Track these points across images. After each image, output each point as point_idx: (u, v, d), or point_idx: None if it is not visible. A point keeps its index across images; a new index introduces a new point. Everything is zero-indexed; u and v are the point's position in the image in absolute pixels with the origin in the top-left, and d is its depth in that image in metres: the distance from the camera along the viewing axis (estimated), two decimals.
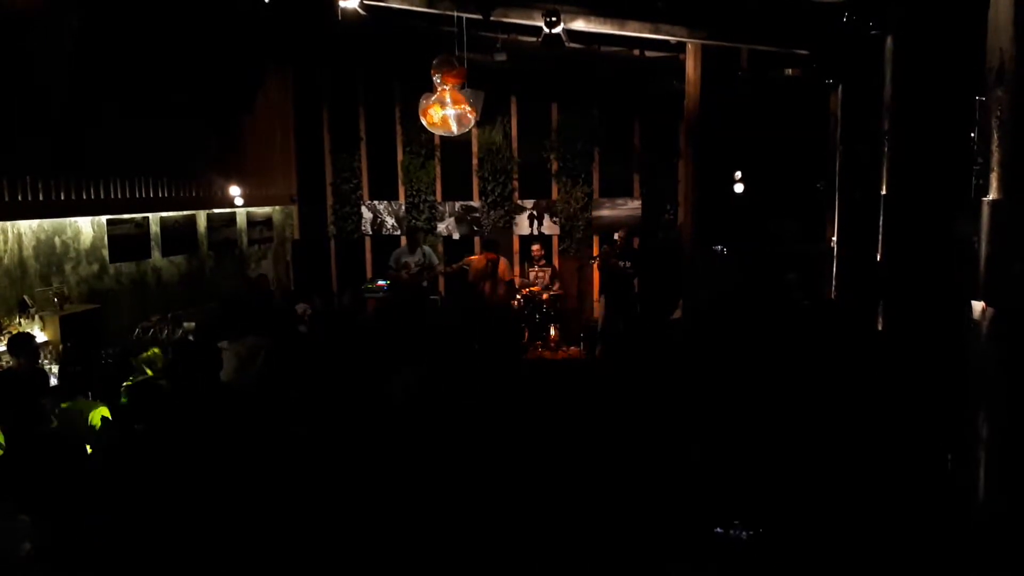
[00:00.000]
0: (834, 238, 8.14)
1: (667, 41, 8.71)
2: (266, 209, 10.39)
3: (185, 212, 8.66)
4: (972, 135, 2.98)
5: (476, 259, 9.97)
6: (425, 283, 9.92)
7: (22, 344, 5.35)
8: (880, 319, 5.87)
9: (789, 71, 9.28)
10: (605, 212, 10.60)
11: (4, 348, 5.82)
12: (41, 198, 6.54)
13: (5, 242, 6.51)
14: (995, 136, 2.79)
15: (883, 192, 5.70)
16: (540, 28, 7.65)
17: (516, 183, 10.81)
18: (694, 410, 4.43)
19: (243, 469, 3.71)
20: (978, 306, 2.92)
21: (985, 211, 2.84)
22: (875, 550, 3.17)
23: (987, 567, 2.88)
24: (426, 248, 10.09)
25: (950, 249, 4.81)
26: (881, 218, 5.73)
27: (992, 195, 2.81)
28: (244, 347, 5.62)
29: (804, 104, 9.25)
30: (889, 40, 5.62)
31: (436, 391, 4.67)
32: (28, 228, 6.72)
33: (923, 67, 5.15)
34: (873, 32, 5.72)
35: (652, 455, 3.95)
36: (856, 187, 7.07)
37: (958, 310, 3.10)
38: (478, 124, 9.45)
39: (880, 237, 5.76)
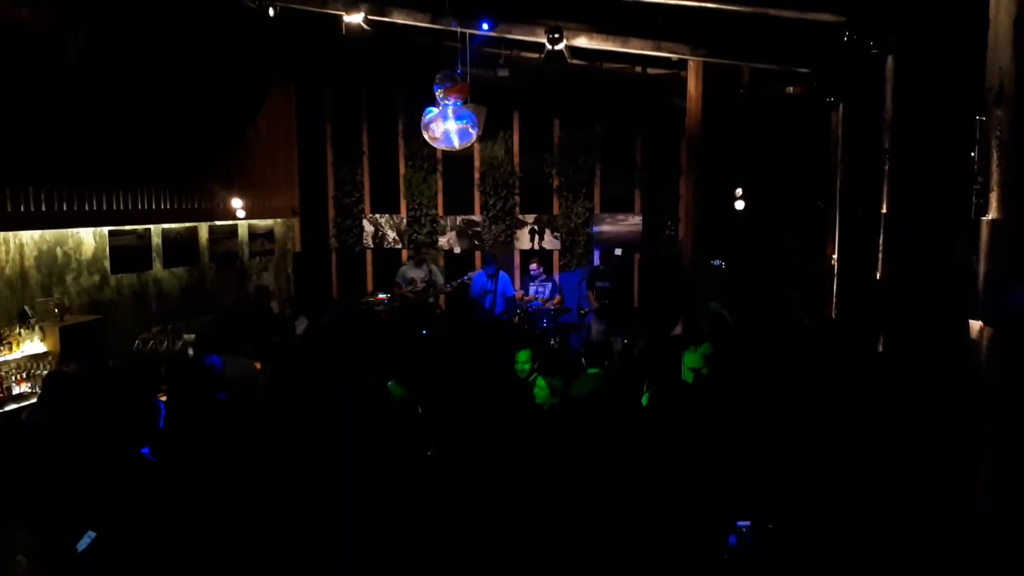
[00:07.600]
0: (835, 256, 8.15)
1: (669, 58, 8.78)
2: (268, 221, 10.42)
3: (187, 224, 8.67)
4: (972, 154, 2.99)
5: None
6: (431, 299, 9.95)
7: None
8: (880, 337, 5.86)
9: (790, 89, 9.33)
10: (606, 227, 10.62)
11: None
12: (44, 209, 6.56)
13: (7, 252, 6.52)
14: (994, 156, 2.80)
15: (883, 210, 5.71)
16: (543, 45, 7.71)
17: (517, 198, 10.84)
18: (698, 420, 4.43)
19: (246, 483, 3.69)
20: (976, 325, 2.92)
21: (984, 230, 2.84)
22: (877, 559, 3.16)
23: None
24: (432, 266, 10.10)
25: (950, 268, 4.82)
26: (881, 236, 5.74)
27: (991, 214, 2.82)
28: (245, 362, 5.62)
29: (805, 122, 9.29)
30: (890, 59, 5.65)
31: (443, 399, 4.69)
32: (30, 238, 6.73)
33: (923, 86, 5.17)
34: (874, 51, 5.75)
35: (660, 458, 3.96)
36: (857, 205, 7.08)
37: (957, 329, 3.10)
38: (480, 139, 9.49)
39: (880, 255, 5.77)
